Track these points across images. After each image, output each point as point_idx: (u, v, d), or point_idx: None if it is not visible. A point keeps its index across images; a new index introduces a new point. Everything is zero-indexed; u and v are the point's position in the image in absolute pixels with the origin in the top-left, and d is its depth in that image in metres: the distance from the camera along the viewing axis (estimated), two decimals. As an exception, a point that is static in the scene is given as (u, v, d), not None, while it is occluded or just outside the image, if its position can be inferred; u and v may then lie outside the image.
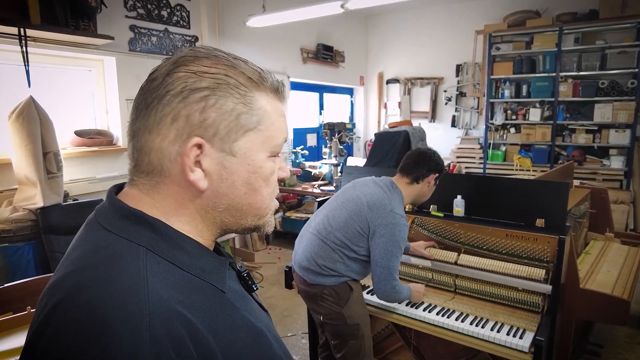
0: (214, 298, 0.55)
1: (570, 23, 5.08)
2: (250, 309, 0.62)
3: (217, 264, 0.59)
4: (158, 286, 0.49)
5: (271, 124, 0.60)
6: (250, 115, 0.57)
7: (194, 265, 0.56)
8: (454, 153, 6.11)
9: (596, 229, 2.83)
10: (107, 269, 0.49)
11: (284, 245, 4.93)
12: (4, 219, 2.49)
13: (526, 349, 1.61)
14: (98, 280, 0.48)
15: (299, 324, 3.08)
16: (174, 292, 0.50)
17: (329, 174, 4.83)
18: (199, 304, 0.52)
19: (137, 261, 0.50)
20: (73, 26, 2.84)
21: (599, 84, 4.97)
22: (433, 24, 6.29)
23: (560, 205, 1.88)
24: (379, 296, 1.80)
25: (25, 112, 2.42)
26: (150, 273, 0.50)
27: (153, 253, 0.52)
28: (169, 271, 0.52)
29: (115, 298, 0.46)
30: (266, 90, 0.60)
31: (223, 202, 0.59)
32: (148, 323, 0.45)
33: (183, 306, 0.49)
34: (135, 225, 0.54)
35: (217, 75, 0.55)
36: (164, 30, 3.77)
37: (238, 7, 4.50)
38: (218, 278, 0.58)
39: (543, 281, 1.76)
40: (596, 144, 5.11)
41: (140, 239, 0.53)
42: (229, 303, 0.57)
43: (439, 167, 1.91)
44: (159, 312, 0.46)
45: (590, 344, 2.58)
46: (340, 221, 1.81)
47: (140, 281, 0.48)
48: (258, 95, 0.59)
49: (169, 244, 0.54)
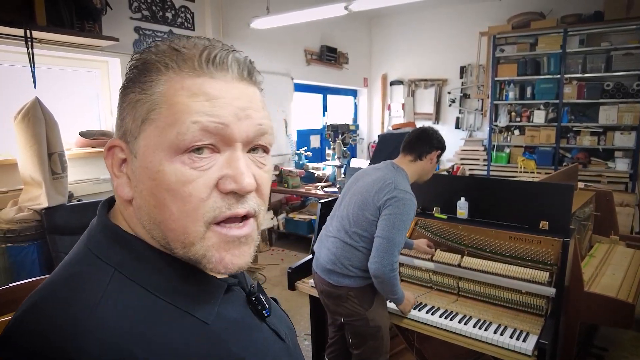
0: (190, 331, 0.46)
1: (575, 25, 5.06)
2: (251, 341, 0.52)
3: (204, 288, 0.50)
4: (109, 317, 0.42)
5: (169, 106, 0.45)
6: (144, 102, 0.47)
7: (170, 289, 0.47)
8: (458, 155, 6.10)
9: (601, 231, 2.81)
10: (66, 289, 0.45)
11: (287, 246, 4.92)
12: (9, 219, 2.50)
13: (530, 352, 1.60)
14: (51, 301, 0.44)
15: (301, 325, 3.08)
16: (131, 324, 0.42)
17: (333, 176, 4.83)
18: (163, 339, 0.43)
19: (99, 285, 0.44)
20: (78, 28, 2.86)
21: (604, 85, 4.95)
22: (437, 26, 6.29)
23: (564, 208, 1.87)
24: (374, 270, 1.69)
25: (31, 113, 2.43)
26: (108, 299, 0.43)
27: (122, 275, 0.46)
28: (136, 297, 0.45)
29: (52, 328, 0.41)
30: (183, 67, 0.47)
31: (144, 218, 0.48)
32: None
33: (137, 342, 0.41)
34: (111, 241, 0.48)
35: (135, 63, 0.49)
36: (168, 32, 3.79)
37: (242, 8, 4.51)
38: (201, 305, 0.48)
39: (547, 284, 1.76)
40: (601, 146, 5.08)
41: (112, 258, 0.47)
42: (213, 336, 0.48)
43: (441, 144, 1.92)
44: (92, 350, 0.39)
45: (595, 347, 2.57)
46: (352, 217, 1.82)
47: (85, 311, 0.42)
48: (161, 77, 0.47)
49: (141, 264, 0.47)
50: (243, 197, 0.48)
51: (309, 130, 6.12)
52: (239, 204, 0.47)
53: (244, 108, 0.48)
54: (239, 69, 0.49)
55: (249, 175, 0.47)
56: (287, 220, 4.89)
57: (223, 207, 0.47)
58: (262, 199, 0.51)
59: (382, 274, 1.69)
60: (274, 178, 4.93)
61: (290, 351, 0.59)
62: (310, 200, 5.23)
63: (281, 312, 0.67)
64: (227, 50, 0.49)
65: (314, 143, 6.21)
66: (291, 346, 0.60)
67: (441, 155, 1.94)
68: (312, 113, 6.28)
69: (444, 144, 1.94)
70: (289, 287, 2.25)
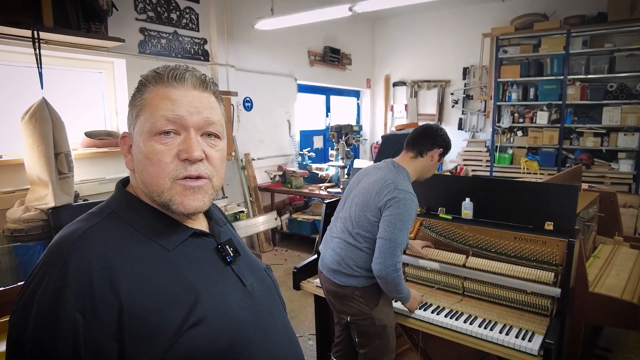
0: (153, 252, 0.69)
1: (579, 26, 5.06)
2: (206, 274, 0.72)
3: (173, 229, 0.73)
4: (97, 237, 0.66)
5: (149, 107, 0.71)
6: (136, 105, 0.72)
7: (146, 226, 0.71)
8: (461, 156, 6.10)
9: (605, 232, 2.82)
10: (81, 219, 0.71)
11: (291, 246, 4.94)
12: (16, 219, 2.52)
13: (535, 351, 1.60)
14: (71, 225, 0.70)
15: (305, 325, 3.09)
16: (113, 243, 0.67)
17: (336, 176, 4.84)
18: (132, 253, 0.67)
19: (98, 217, 0.70)
20: (85, 29, 2.88)
21: (607, 87, 4.95)
22: (440, 27, 6.30)
23: (569, 208, 1.87)
24: (377, 271, 1.70)
25: (38, 113, 2.45)
26: (99, 226, 0.68)
27: (115, 213, 0.72)
28: (121, 227, 0.70)
29: (60, 240, 0.67)
30: (159, 81, 0.72)
31: (139, 179, 0.73)
32: (62, 264, 0.62)
33: (114, 253, 0.65)
34: (117, 194, 0.76)
35: (141, 80, 0.74)
36: (173, 33, 3.81)
37: (247, 10, 4.53)
38: (166, 238, 0.72)
39: (552, 284, 1.76)
40: (604, 148, 5.08)
41: (113, 204, 0.74)
42: (170, 260, 0.70)
43: (444, 142, 1.89)
44: (76, 258, 0.63)
45: (599, 348, 2.57)
46: (355, 218, 1.82)
47: (78, 232, 0.66)
48: (151, 88, 0.72)
49: (129, 208, 0.73)
50: (195, 163, 0.71)
51: (312, 131, 6.13)
52: (192, 167, 0.71)
53: (195, 106, 0.72)
54: (193, 81, 0.73)
55: (197, 150, 0.71)
56: (290, 220, 4.90)
57: (180, 169, 0.71)
58: (213, 167, 0.75)
59: (386, 274, 1.70)
60: (277, 178, 4.95)
61: (251, 296, 0.77)
62: (313, 200, 5.24)
63: (263, 273, 0.87)
64: (187, 70, 0.74)
65: (317, 144, 6.22)
66: (256, 294, 0.79)
67: (445, 154, 1.92)
68: (315, 114, 6.29)
69: (448, 142, 1.92)
70: (294, 286, 2.26)
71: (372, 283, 1.80)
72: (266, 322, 0.76)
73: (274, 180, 4.96)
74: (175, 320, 0.65)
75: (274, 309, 0.82)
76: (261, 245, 4.75)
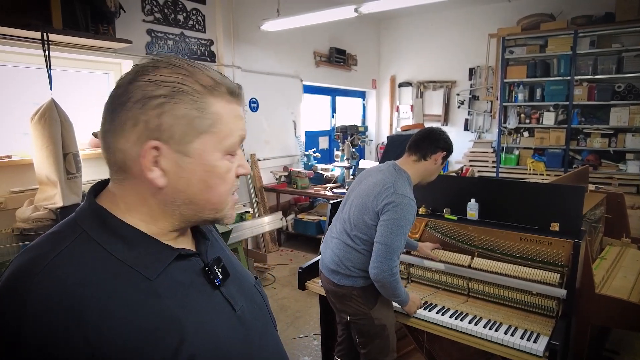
0: (131, 284, 0.58)
1: (586, 26, 5.03)
2: (192, 302, 0.64)
3: (155, 253, 0.63)
4: (63, 268, 0.55)
5: (224, 125, 0.65)
6: (203, 119, 0.63)
7: (123, 250, 0.60)
8: (467, 157, 6.08)
9: (612, 234, 2.80)
10: (43, 241, 0.61)
11: (296, 247, 4.95)
12: (25, 218, 2.55)
13: (541, 353, 1.60)
14: (28, 250, 0.60)
15: (310, 325, 3.09)
16: (83, 274, 0.56)
17: (341, 177, 4.85)
18: (105, 285, 0.56)
19: (65, 240, 0.59)
20: (93, 30, 2.91)
21: (615, 87, 4.91)
22: (446, 28, 6.29)
23: (575, 210, 1.87)
24: (374, 275, 1.71)
25: (47, 114, 2.48)
26: (67, 252, 0.57)
27: (88, 235, 0.60)
28: (93, 253, 0.59)
29: (17, 270, 0.57)
30: (221, 94, 0.65)
31: (180, 198, 0.65)
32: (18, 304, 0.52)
33: (83, 288, 0.54)
34: (89, 212, 0.64)
35: (174, 83, 0.61)
36: (180, 34, 3.83)
37: (253, 11, 4.55)
38: (147, 265, 0.61)
39: (558, 285, 1.75)
40: (612, 148, 5.04)
41: (85, 222, 0.62)
42: (151, 290, 0.60)
43: (447, 146, 1.88)
44: (36, 295, 0.53)
45: (606, 350, 2.55)
46: (353, 220, 1.83)
47: (41, 262, 0.56)
48: (212, 100, 0.64)
49: (103, 228, 0.61)
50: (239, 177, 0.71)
51: (318, 132, 6.14)
52: (237, 181, 0.71)
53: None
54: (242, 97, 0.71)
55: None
56: (295, 221, 4.92)
57: (236, 184, 0.70)
58: None
59: (382, 278, 1.70)
60: (283, 179, 4.97)
61: (242, 321, 0.71)
62: (318, 201, 5.25)
63: (253, 290, 0.80)
64: (239, 86, 0.70)
65: (323, 144, 6.23)
66: (247, 318, 0.72)
67: (447, 157, 1.91)
68: (320, 114, 6.30)
69: (451, 145, 1.91)
70: (300, 286, 2.27)
71: (370, 283, 1.80)
72: (257, 348, 0.72)
73: (279, 181, 4.98)
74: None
75: (265, 330, 0.77)
76: (267, 245, 4.77)
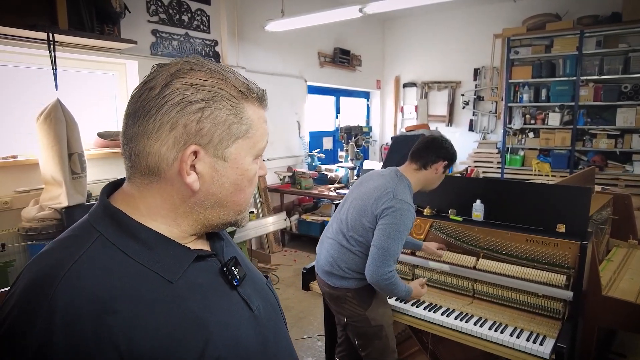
0: (154, 286, 0.57)
1: (592, 26, 5.00)
2: (213, 303, 0.63)
3: (174, 255, 0.62)
4: (87, 273, 0.54)
5: (256, 130, 0.67)
6: (240, 124, 0.64)
7: (143, 253, 0.59)
8: (472, 157, 6.06)
9: (619, 235, 2.77)
10: (59, 246, 0.59)
11: (300, 247, 4.95)
12: (30, 218, 2.56)
13: (547, 355, 1.58)
14: (45, 254, 0.58)
15: (314, 325, 3.09)
16: (107, 279, 0.54)
17: (345, 177, 4.84)
18: (130, 290, 0.55)
19: (83, 245, 0.57)
20: (98, 31, 2.92)
21: (621, 87, 4.88)
22: (451, 28, 6.26)
23: (582, 211, 1.85)
24: (369, 279, 1.71)
25: (53, 114, 2.49)
26: (87, 255, 0.55)
27: (105, 238, 0.58)
28: (112, 256, 0.57)
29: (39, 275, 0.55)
30: (252, 100, 0.66)
31: (211, 201, 0.65)
32: (47, 311, 0.50)
33: (110, 294, 0.53)
34: (104, 214, 0.62)
35: (211, 87, 0.61)
36: (184, 35, 3.84)
37: (257, 11, 4.56)
38: (167, 269, 0.60)
39: (564, 287, 1.74)
40: (618, 149, 5.00)
41: (100, 225, 0.60)
42: (174, 293, 0.59)
43: (449, 155, 1.87)
44: (64, 303, 0.51)
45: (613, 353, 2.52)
46: (350, 221, 1.83)
47: (63, 266, 0.54)
48: (246, 105, 0.65)
49: (122, 231, 0.60)
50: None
51: (322, 132, 6.14)
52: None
53: None
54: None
55: None
56: (300, 221, 4.91)
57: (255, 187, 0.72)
58: None
59: (377, 282, 1.70)
60: (287, 179, 4.97)
61: (258, 320, 0.70)
62: (322, 201, 5.24)
63: (266, 289, 0.79)
64: (264, 91, 0.71)
65: (327, 145, 6.22)
66: (263, 317, 0.72)
67: (449, 166, 1.90)
68: (325, 115, 6.30)
69: (454, 154, 1.89)
70: (303, 287, 2.26)
71: (364, 285, 1.80)
72: (271, 347, 0.72)
73: (283, 181, 4.97)
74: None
75: (278, 329, 0.77)
76: (270, 245, 4.77)
